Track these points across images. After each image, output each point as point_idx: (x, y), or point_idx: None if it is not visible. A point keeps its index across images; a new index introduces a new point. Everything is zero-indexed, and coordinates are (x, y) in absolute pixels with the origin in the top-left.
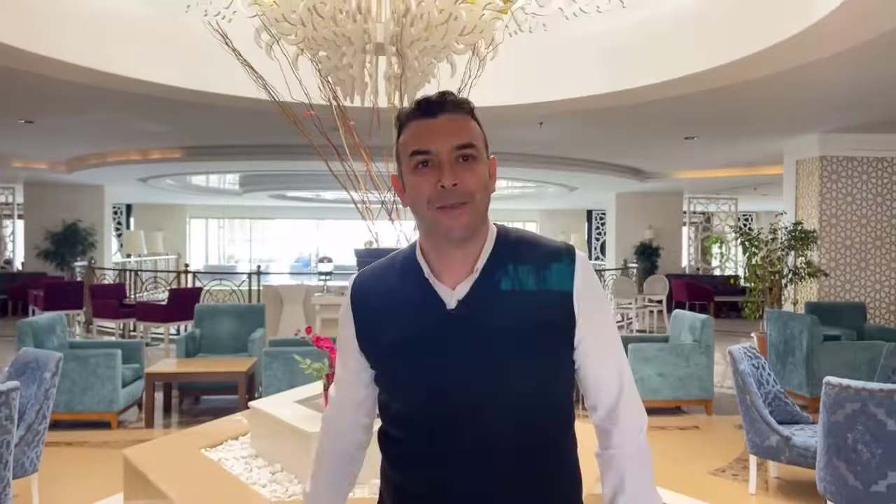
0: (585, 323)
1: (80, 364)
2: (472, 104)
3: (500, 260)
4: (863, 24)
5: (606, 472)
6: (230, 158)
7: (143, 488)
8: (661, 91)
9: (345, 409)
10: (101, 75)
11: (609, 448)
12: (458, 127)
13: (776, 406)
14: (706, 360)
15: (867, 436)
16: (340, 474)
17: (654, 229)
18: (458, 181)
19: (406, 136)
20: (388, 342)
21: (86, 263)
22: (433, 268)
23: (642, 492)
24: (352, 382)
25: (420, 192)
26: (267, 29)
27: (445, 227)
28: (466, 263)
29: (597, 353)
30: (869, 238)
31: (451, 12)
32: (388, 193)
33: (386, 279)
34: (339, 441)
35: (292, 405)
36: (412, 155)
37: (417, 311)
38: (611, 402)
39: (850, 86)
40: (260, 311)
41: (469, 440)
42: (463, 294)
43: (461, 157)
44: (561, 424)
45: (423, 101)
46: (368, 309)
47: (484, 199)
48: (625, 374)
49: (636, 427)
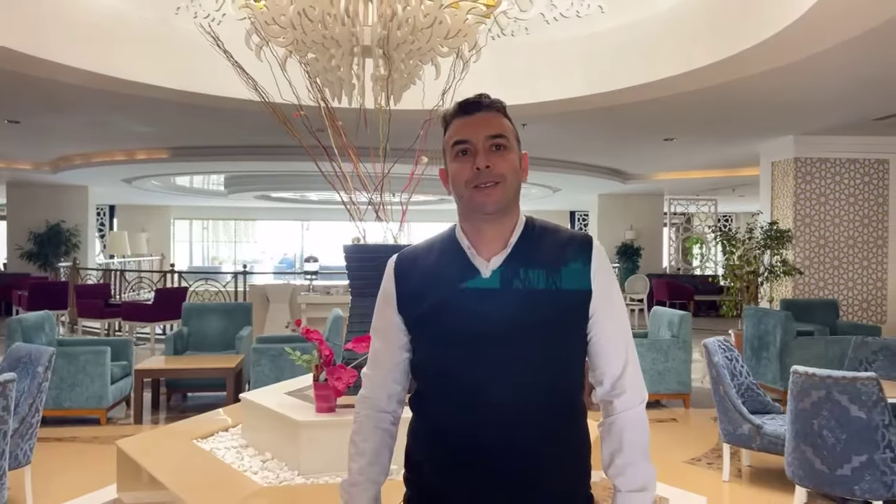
0: (599, 301)
1: (70, 361)
2: (503, 103)
3: (529, 239)
4: (832, 28)
5: (606, 437)
6: (216, 159)
7: (137, 477)
8: (638, 94)
9: (383, 379)
10: (89, 75)
11: (610, 415)
12: (492, 121)
13: (749, 397)
14: (684, 355)
15: (832, 422)
16: (381, 449)
17: (635, 230)
18: (491, 164)
19: (449, 132)
20: (429, 305)
21: (70, 264)
22: (472, 243)
23: (638, 455)
24: (389, 349)
25: (460, 175)
26: (257, 31)
27: (479, 203)
28: (500, 240)
29: (607, 329)
30: (842, 237)
31: (436, 16)
32: (375, 193)
33: (427, 255)
34: (377, 413)
35: (282, 396)
36: (454, 146)
37: (456, 278)
38: (616, 373)
39: (822, 89)
40: (247, 309)
41: (495, 391)
42: (497, 265)
43: (494, 146)
44: (574, 383)
45: (462, 102)
46: (410, 280)
47: (514, 182)
48: (630, 350)
49: (637, 399)
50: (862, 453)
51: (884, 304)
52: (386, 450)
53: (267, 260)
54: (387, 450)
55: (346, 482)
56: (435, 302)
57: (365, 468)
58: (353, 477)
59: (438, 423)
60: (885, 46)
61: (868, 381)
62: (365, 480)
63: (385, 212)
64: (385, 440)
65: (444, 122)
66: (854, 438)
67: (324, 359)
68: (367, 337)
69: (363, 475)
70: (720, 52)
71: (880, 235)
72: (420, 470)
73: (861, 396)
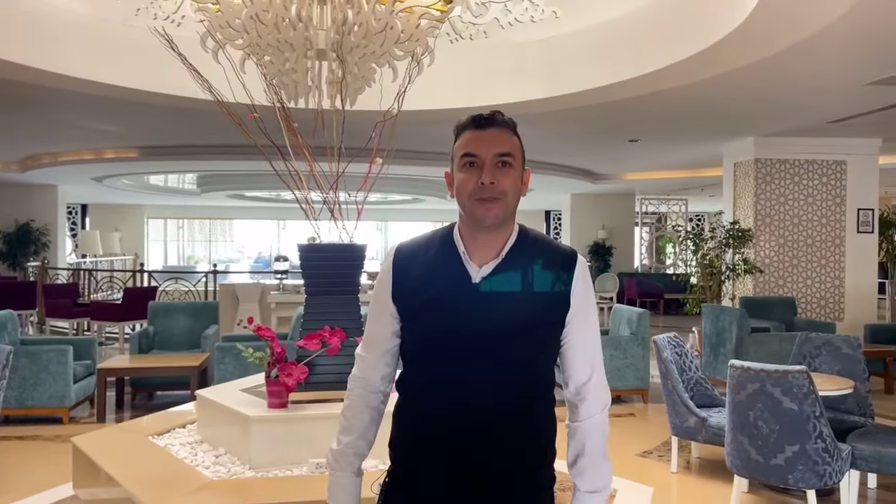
0: (576, 312)
1: (32, 360)
2: (514, 122)
3: (520, 251)
4: (775, 35)
5: (571, 439)
6: (186, 158)
7: (93, 474)
8: (597, 97)
9: (376, 361)
10: (49, 75)
11: (576, 420)
12: (501, 138)
13: (698, 391)
14: (642, 351)
15: (766, 413)
16: (370, 426)
17: (607, 229)
18: (496, 181)
19: (461, 141)
20: (422, 299)
21: (39, 264)
22: (467, 248)
23: (598, 456)
24: (383, 334)
25: (465, 186)
26: (212, 35)
27: (480, 215)
28: (493, 249)
29: (578, 339)
30: (801, 237)
31: (388, 22)
32: (330, 193)
33: (425, 251)
34: (369, 392)
35: (237, 393)
36: (462, 157)
37: (449, 279)
38: (582, 380)
39: (779, 91)
40: (214, 308)
41: (476, 386)
42: (487, 272)
43: (500, 163)
44: (547, 382)
45: (477, 116)
46: (407, 273)
47: (514, 198)
48: (597, 360)
49: (600, 405)
50: (794, 443)
51: (841, 302)
52: (373, 426)
53: (244, 259)
54: (374, 425)
55: (335, 451)
56: (427, 298)
57: (353, 442)
58: (342, 448)
59: (421, 409)
60: (826, 53)
61: (799, 374)
62: (352, 453)
63: (339, 211)
64: (374, 417)
65: (455, 130)
66: (786, 429)
67: (275, 356)
68: (318, 334)
69: (351, 447)
70: (674, 56)
71: (838, 235)
72: (402, 449)
73: (793, 389)
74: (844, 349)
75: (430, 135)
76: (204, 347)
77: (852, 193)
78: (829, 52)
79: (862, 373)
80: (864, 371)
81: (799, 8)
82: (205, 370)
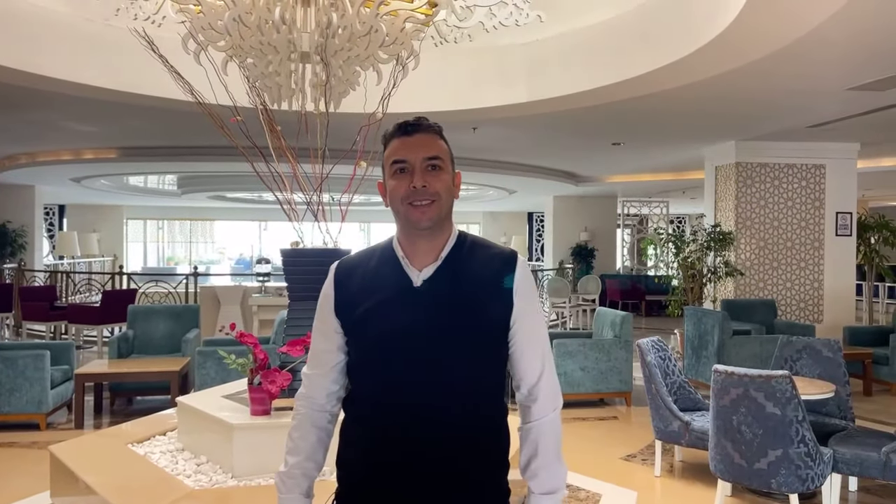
0: (519, 313)
1: (8, 365)
2: (440, 126)
3: (459, 253)
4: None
5: (524, 442)
6: (166, 159)
7: (69, 483)
8: (580, 101)
9: (322, 379)
10: (26, 76)
11: (528, 422)
12: (429, 143)
13: (681, 395)
14: (625, 354)
15: (749, 417)
16: (317, 446)
17: (589, 231)
18: (427, 184)
19: (389, 149)
20: (364, 310)
21: (15, 265)
22: (406, 254)
23: (552, 458)
24: (328, 350)
25: (397, 192)
26: (193, 37)
27: (415, 219)
28: (432, 252)
29: (525, 340)
30: (780, 239)
31: (373, 25)
32: (313, 195)
33: (366, 263)
34: (316, 412)
35: (219, 399)
36: (393, 164)
37: (390, 286)
38: (532, 381)
39: (759, 96)
40: (194, 312)
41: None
42: (428, 275)
43: (430, 166)
44: (495, 386)
45: (403, 123)
46: (349, 285)
47: (448, 200)
48: (547, 361)
49: (551, 406)
50: (777, 448)
51: (820, 304)
52: (321, 447)
53: (225, 260)
54: (322, 447)
55: (282, 473)
56: (369, 307)
57: (301, 463)
58: (289, 470)
59: (367, 423)
60: (807, 59)
61: (782, 379)
62: (300, 474)
63: (323, 213)
64: (321, 437)
65: (384, 139)
66: (770, 434)
67: (258, 362)
68: (302, 340)
69: (299, 469)
70: (657, 61)
71: (817, 238)
72: (349, 467)
73: (776, 394)
74: (825, 352)
75: None
76: (185, 352)
77: (831, 197)
78: (811, 59)
79: (842, 376)
80: (845, 374)
81: (781, 15)
82: (185, 375)
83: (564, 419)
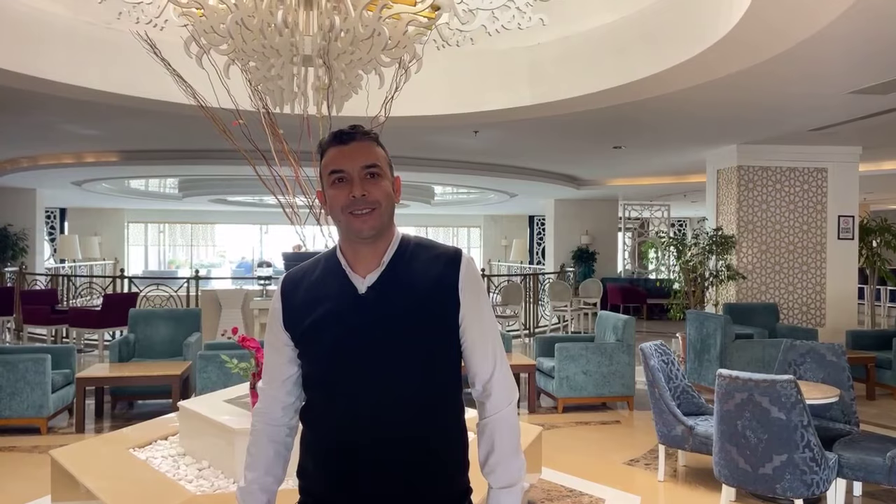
0: (467, 311)
1: (9, 369)
2: (376, 134)
3: (402, 257)
4: (767, 42)
5: (481, 438)
6: (167, 163)
7: (70, 487)
8: (582, 104)
9: (276, 392)
10: (27, 79)
11: (484, 417)
12: (366, 151)
13: (684, 399)
14: (628, 358)
15: (754, 422)
16: (275, 460)
17: (590, 235)
18: (366, 192)
19: (326, 159)
20: (311, 321)
21: (16, 269)
22: (349, 262)
23: (508, 453)
24: (280, 364)
25: (337, 201)
26: (196, 40)
27: (357, 229)
28: (375, 258)
29: (476, 337)
30: (783, 243)
31: (376, 28)
32: (315, 198)
33: (311, 274)
34: (272, 427)
35: (221, 404)
36: (331, 173)
37: (335, 295)
38: (485, 377)
39: (761, 99)
40: (196, 316)
41: (371, 397)
42: (372, 282)
43: (368, 174)
44: (450, 385)
45: (338, 132)
46: (295, 298)
47: (388, 206)
48: (498, 356)
49: (506, 400)
50: (782, 453)
51: (822, 308)
52: (280, 460)
53: (226, 264)
54: (281, 460)
55: (241, 489)
56: (316, 317)
57: (259, 478)
58: (248, 485)
59: (324, 432)
60: (810, 63)
61: (787, 383)
62: (258, 489)
63: (325, 217)
64: (279, 451)
65: (319, 148)
66: (774, 438)
67: (260, 366)
68: None
69: (256, 484)
70: (660, 65)
71: (819, 241)
72: (308, 477)
73: (780, 398)
74: (829, 357)
75: (418, 140)
76: (186, 356)
77: (833, 200)
78: (813, 62)
79: (847, 380)
80: (849, 378)
81: (784, 18)
82: (187, 379)
83: (567, 423)
